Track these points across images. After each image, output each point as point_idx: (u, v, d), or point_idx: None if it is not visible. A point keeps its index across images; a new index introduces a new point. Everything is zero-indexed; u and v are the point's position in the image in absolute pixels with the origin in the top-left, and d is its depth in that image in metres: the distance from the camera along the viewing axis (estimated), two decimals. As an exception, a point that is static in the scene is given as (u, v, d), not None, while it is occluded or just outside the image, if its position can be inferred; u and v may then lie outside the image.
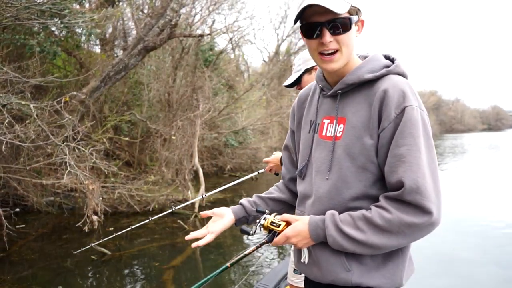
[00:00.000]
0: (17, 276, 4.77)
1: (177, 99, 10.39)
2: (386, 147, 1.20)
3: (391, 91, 1.20)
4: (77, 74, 8.94)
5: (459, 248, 5.84)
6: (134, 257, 5.59)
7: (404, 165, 1.16)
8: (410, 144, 1.16)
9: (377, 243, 1.18)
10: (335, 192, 1.28)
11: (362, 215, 1.20)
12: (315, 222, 1.26)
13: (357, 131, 1.25)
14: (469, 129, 70.55)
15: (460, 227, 6.97)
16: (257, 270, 5.06)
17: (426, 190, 1.14)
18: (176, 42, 10.35)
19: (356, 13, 1.25)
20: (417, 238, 1.20)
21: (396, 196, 1.16)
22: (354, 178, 1.25)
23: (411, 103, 1.19)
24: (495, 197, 9.64)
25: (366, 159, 1.23)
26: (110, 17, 9.04)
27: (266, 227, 1.34)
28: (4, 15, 5.68)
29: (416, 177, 1.14)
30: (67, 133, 5.68)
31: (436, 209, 1.15)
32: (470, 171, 15.39)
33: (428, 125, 1.22)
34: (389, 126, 1.19)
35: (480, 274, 4.83)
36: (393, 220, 1.15)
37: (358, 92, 1.29)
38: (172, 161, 9.14)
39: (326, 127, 1.34)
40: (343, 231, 1.21)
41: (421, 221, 1.14)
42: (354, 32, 1.26)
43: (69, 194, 7.96)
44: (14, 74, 5.49)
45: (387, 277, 1.26)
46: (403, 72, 1.29)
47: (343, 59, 1.26)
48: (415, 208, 1.14)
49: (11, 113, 5.37)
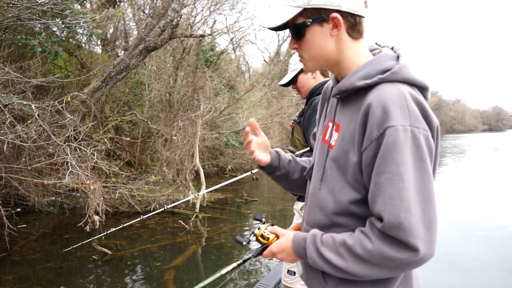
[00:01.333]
0: (19, 275, 4.78)
1: (178, 99, 10.40)
2: (369, 169, 1.08)
3: (375, 106, 1.05)
4: (78, 74, 8.97)
5: (463, 249, 5.84)
6: (135, 257, 5.60)
7: (384, 196, 1.03)
8: (391, 172, 1.02)
9: (358, 272, 1.09)
10: (323, 204, 1.21)
11: (343, 241, 1.11)
12: (298, 241, 1.21)
13: (345, 144, 1.15)
14: (470, 129, 70.53)
15: (464, 228, 6.98)
16: (257, 270, 5.06)
17: (410, 225, 1.00)
18: (177, 42, 10.37)
19: (317, 13, 1.12)
20: (405, 271, 1.11)
21: (380, 228, 1.05)
22: (341, 193, 1.16)
23: (395, 123, 1.02)
24: (498, 199, 9.63)
25: (352, 177, 1.13)
26: (112, 17, 9.06)
27: (257, 238, 1.33)
28: (6, 16, 5.70)
29: (398, 212, 1.00)
30: (69, 133, 5.69)
31: (424, 244, 1.01)
32: (471, 172, 15.38)
33: (423, 145, 1.04)
34: (371, 147, 1.06)
35: (485, 276, 4.83)
36: (374, 251, 1.05)
37: (354, 99, 1.16)
38: (173, 161, 9.15)
39: (329, 130, 1.25)
40: (322, 255, 1.13)
41: (405, 257, 1.02)
42: (317, 35, 1.14)
43: (70, 194, 7.97)
44: (16, 74, 5.51)
45: None
46: (405, 77, 1.10)
47: (310, 63, 1.20)
48: (398, 243, 1.02)
49: (13, 113, 5.39)
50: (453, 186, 11.80)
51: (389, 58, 1.15)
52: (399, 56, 1.16)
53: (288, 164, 1.47)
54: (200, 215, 7.62)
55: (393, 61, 1.15)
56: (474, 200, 9.33)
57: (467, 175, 14.35)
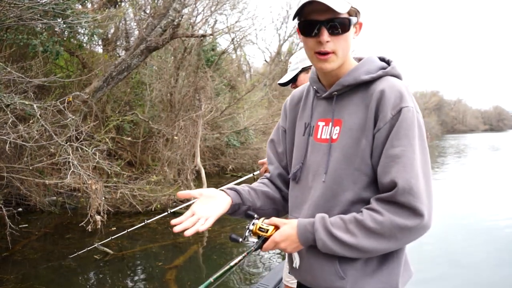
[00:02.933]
0: (20, 275, 4.78)
1: (179, 99, 10.40)
2: (381, 148, 1.19)
3: (388, 92, 1.19)
4: (80, 74, 8.97)
5: (468, 248, 5.86)
6: (137, 257, 5.60)
7: (398, 165, 1.14)
8: (405, 145, 1.15)
9: (368, 247, 1.15)
10: (331, 195, 1.26)
11: (353, 218, 1.18)
12: (304, 226, 1.23)
13: (354, 133, 1.23)
14: (471, 129, 70.47)
15: (469, 227, 7.01)
16: (257, 270, 5.07)
17: (418, 191, 1.12)
18: (178, 42, 10.37)
19: (355, 14, 1.23)
20: (408, 242, 1.19)
21: (388, 197, 1.14)
22: (350, 180, 1.23)
23: (408, 104, 1.18)
24: (501, 198, 9.63)
25: (361, 161, 1.21)
26: (113, 17, 9.07)
27: (255, 232, 1.30)
28: (8, 15, 5.71)
29: (410, 178, 1.12)
30: (70, 133, 5.70)
31: (428, 212, 1.13)
32: (473, 172, 15.37)
33: (423, 128, 1.21)
34: (385, 127, 1.18)
35: (489, 274, 4.85)
36: (385, 222, 1.13)
37: (354, 93, 1.27)
38: (174, 161, 9.16)
39: (321, 129, 1.32)
40: (333, 234, 1.17)
41: (412, 224, 1.12)
42: (352, 34, 1.24)
43: (72, 194, 7.97)
44: (18, 74, 5.51)
45: (383, 281, 1.22)
46: (399, 74, 1.29)
47: (338, 60, 1.24)
48: (407, 210, 1.12)
49: (15, 113, 5.39)
50: (456, 184, 11.80)
51: (377, 59, 1.33)
52: (385, 58, 1.35)
53: (248, 199, 1.42)
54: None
55: (381, 61, 1.32)
56: (476, 198, 9.34)
57: (470, 176, 14.33)
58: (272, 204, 1.48)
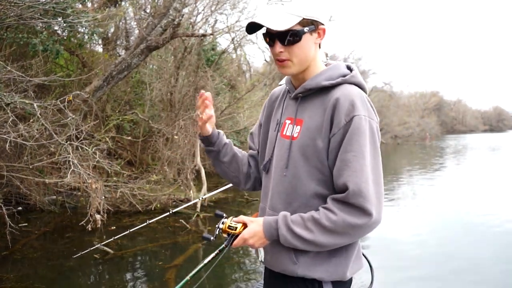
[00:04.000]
0: (20, 274, 4.78)
1: (180, 98, 10.40)
2: (336, 151, 1.31)
3: (342, 100, 1.31)
4: (80, 73, 8.97)
5: (469, 247, 5.88)
6: (136, 256, 5.61)
7: (349, 169, 1.26)
8: (356, 151, 1.27)
9: (323, 242, 1.29)
10: (290, 189, 1.39)
11: (311, 216, 1.31)
12: (269, 223, 1.36)
13: (311, 133, 1.35)
14: (471, 130, 70.46)
15: (469, 226, 7.05)
16: (257, 270, 5.07)
17: (367, 194, 1.25)
18: (179, 41, 10.36)
19: (311, 23, 1.32)
20: (360, 236, 1.34)
21: (341, 198, 1.27)
22: (308, 177, 1.36)
23: (359, 113, 1.29)
24: (500, 197, 9.64)
25: (317, 160, 1.34)
26: (113, 16, 9.07)
27: (224, 230, 1.42)
28: (8, 15, 5.70)
29: (359, 182, 1.25)
30: (70, 132, 5.70)
31: (376, 211, 1.26)
32: (474, 172, 15.38)
33: (376, 133, 1.33)
34: (339, 132, 1.29)
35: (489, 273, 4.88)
36: (337, 221, 1.26)
37: (316, 97, 1.39)
38: (174, 160, 9.15)
39: (286, 127, 1.45)
40: (293, 231, 1.31)
41: (362, 222, 1.25)
42: (308, 41, 1.34)
43: (72, 193, 7.97)
44: (18, 73, 5.51)
45: (329, 271, 1.37)
46: (359, 82, 1.40)
47: (295, 66, 1.37)
48: (357, 209, 1.25)
49: (15, 112, 5.39)
50: (457, 184, 11.81)
51: (343, 67, 1.44)
52: (350, 67, 1.45)
53: (223, 146, 1.66)
54: (201, 215, 7.62)
55: (346, 69, 1.43)
56: (477, 197, 9.35)
57: (471, 176, 14.34)
58: (235, 171, 1.69)
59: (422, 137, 41.42)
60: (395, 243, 6.00)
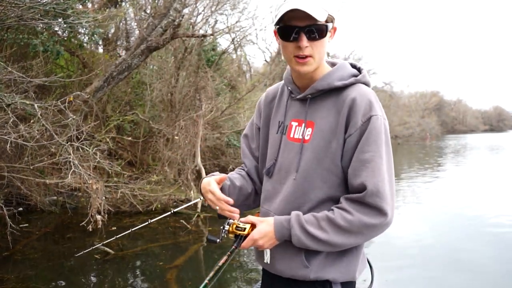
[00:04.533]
0: (21, 275, 4.78)
1: (180, 99, 10.40)
2: (351, 152, 1.29)
3: (359, 100, 1.29)
4: (80, 74, 8.97)
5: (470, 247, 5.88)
6: (137, 256, 5.61)
7: (368, 170, 1.25)
8: (374, 151, 1.26)
9: (338, 242, 1.27)
10: (301, 192, 1.35)
11: (325, 216, 1.28)
12: (280, 223, 1.32)
13: (325, 135, 1.32)
14: (471, 130, 70.45)
15: (471, 226, 7.05)
16: (257, 270, 5.07)
17: (384, 193, 1.24)
18: (179, 42, 10.36)
19: (331, 21, 1.31)
20: (373, 237, 1.31)
21: (358, 198, 1.26)
22: (320, 180, 1.33)
23: (377, 113, 1.28)
24: (503, 197, 9.64)
25: (331, 162, 1.31)
26: (113, 17, 9.07)
27: (231, 231, 1.35)
28: (8, 15, 5.70)
29: (377, 181, 1.24)
30: (71, 132, 5.70)
31: (391, 211, 1.26)
32: (474, 172, 15.37)
33: (388, 134, 1.33)
34: (355, 133, 1.27)
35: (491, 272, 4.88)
36: (354, 221, 1.24)
37: (327, 98, 1.36)
38: (175, 161, 9.15)
39: (294, 129, 1.41)
40: (307, 231, 1.28)
41: (378, 222, 1.24)
42: (327, 39, 1.33)
43: (72, 194, 7.98)
44: (18, 73, 5.51)
45: (342, 271, 1.35)
46: (368, 81, 1.38)
47: (315, 64, 1.33)
48: (374, 209, 1.24)
49: (15, 113, 5.39)
50: (458, 184, 11.81)
51: (349, 66, 1.41)
52: (356, 65, 1.43)
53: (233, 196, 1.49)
54: (202, 215, 7.62)
55: (353, 68, 1.41)
56: (479, 197, 9.35)
57: (472, 176, 14.34)
58: (244, 200, 1.58)
59: (423, 137, 41.44)
60: (395, 242, 6.01)
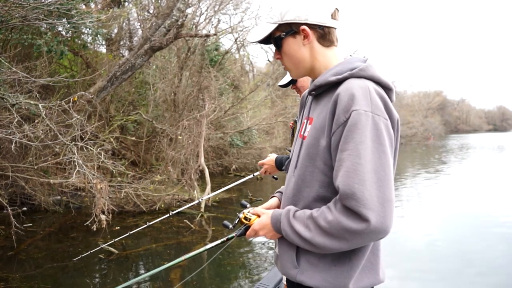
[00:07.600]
0: (25, 274, 4.81)
1: (183, 99, 10.42)
2: (336, 151, 1.20)
3: (342, 95, 1.20)
4: (84, 74, 9.00)
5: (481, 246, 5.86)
6: (141, 256, 5.62)
7: (342, 170, 1.15)
8: (350, 149, 1.14)
9: (320, 243, 1.19)
10: (297, 190, 1.34)
11: (310, 214, 1.23)
12: (275, 216, 1.33)
13: (316, 133, 1.28)
14: (475, 129, 70.22)
15: (481, 226, 7.02)
16: (257, 270, 5.07)
17: (363, 197, 1.10)
18: (182, 42, 10.39)
19: (289, 27, 1.31)
20: (359, 244, 1.19)
21: (338, 200, 1.17)
22: (311, 178, 1.29)
23: (359, 107, 1.16)
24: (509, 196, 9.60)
25: (321, 161, 1.26)
26: (117, 17, 9.09)
27: (241, 221, 1.45)
28: (13, 16, 5.73)
29: (352, 183, 1.12)
30: (75, 132, 5.72)
31: (376, 217, 1.10)
32: (479, 171, 15.31)
33: (382, 130, 1.17)
34: (338, 130, 1.19)
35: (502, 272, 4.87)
36: (332, 221, 1.15)
37: (326, 94, 1.32)
38: (178, 160, 9.17)
39: (304, 126, 1.40)
40: (293, 226, 1.25)
41: (358, 227, 1.11)
42: (292, 45, 1.33)
43: (76, 193, 8.01)
44: (23, 74, 5.53)
45: (328, 280, 1.26)
46: (370, 75, 1.26)
47: (294, 70, 1.39)
48: (353, 213, 1.12)
49: (20, 113, 5.42)
50: (467, 183, 11.77)
51: (358, 60, 1.32)
52: (366, 60, 1.33)
53: None
54: (205, 215, 7.63)
55: (361, 62, 1.31)
56: (484, 196, 9.31)
57: (479, 173, 14.28)
58: None
59: (426, 137, 41.32)
60: (404, 243, 5.99)
